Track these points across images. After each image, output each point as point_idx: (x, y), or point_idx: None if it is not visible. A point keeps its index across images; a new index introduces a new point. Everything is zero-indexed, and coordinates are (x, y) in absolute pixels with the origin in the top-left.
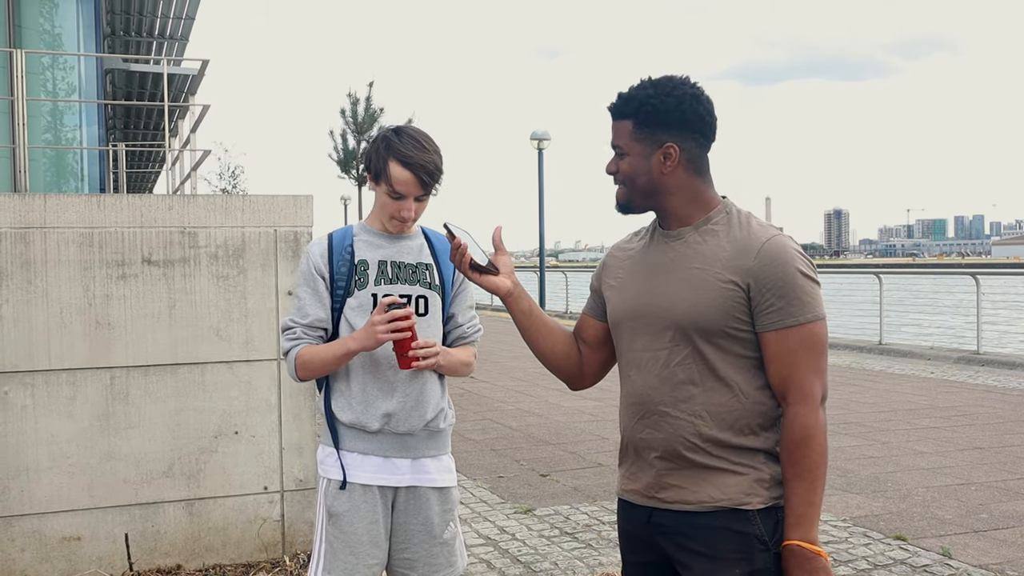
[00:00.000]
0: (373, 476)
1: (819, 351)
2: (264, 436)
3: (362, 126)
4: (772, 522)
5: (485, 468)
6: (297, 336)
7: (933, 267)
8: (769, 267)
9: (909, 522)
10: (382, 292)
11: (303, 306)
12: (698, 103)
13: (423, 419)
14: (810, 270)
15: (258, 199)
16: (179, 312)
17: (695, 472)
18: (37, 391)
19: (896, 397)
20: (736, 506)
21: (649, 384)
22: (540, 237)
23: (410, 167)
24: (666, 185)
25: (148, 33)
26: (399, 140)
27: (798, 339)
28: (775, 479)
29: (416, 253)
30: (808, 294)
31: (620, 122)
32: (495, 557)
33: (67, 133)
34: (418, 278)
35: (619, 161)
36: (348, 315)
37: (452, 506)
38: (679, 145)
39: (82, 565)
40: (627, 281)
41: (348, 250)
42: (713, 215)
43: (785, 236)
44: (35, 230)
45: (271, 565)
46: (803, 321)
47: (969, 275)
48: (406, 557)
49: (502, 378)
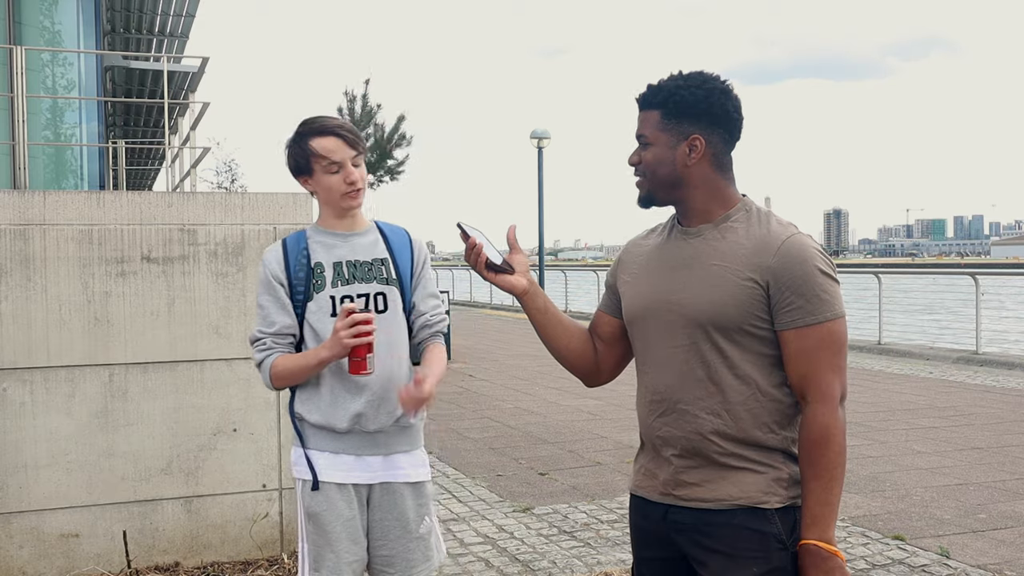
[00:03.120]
0: (346, 475)
1: (838, 349)
2: (263, 433)
3: (359, 124)
4: (790, 521)
5: (484, 467)
6: (268, 347)
7: (932, 267)
8: (788, 265)
9: (907, 522)
10: (340, 293)
11: (268, 315)
12: (727, 98)
13: (392, 415)
14: (829, 268)
15: (257, 197)
16: (178, 309)
17: (714, 470)
18: (36, 388)
19: (895, 397)
20: (754, 504)
21: (667, 381)
22: (540, 236)
23: (331, 131)
24: (689, 178)
25: (148, 30)
26: (307, 122)
27: (817, 337)
28: (793, 478)
29: (370, 249)
30: (827, 292)
31: (647, 112)
32: (493, 556)
33: (67, 130)
34: (374, 275)
35: (642, 151)
36: (310, 319)
37: (427, 500)
38: (705, 138)
39: (80, 562)
40: (643, 277)
41: (304, 254)
42: (732, 212)
43: (804, 234)
44: (34, 227)
45: (269, 563)
46: (822, 320)
47: (968, 275)
48: (384, 554)
49: (501, 377)
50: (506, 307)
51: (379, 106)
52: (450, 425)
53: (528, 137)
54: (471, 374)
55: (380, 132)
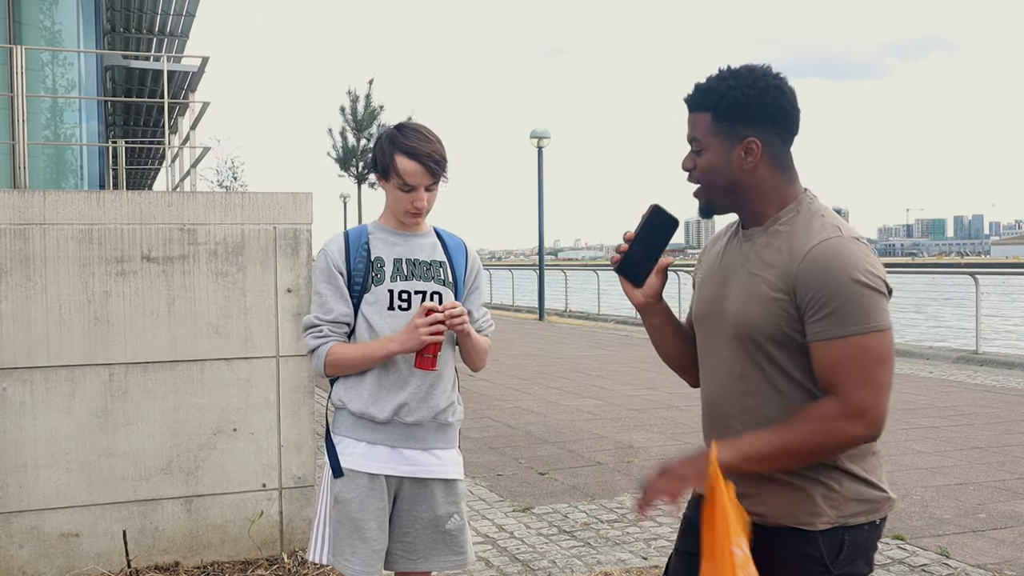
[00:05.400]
0: (381, 465)
1: (872, 364)
2: (263, 433)
3: (362, 124)
4: (837, 544)
5: (484, 466)
6: (324, 334)
7: (932, 267)
8: (813, 273)
9: (907, 521)
10: (398, 288)
11: (326, 302)
12: (781, 95)
13: (433, 410)
14: (867, 276)
15: (258, 196)
16: (178, 309)
17: (759, 484)
18: (36, 387)
19: (895, 396)
20: (798, 525)
21: (716, 392)
22: (540, 236)
23: (416, 158)
24: (747, 182)
25: (148, 30)
26: (402, 135)
27: (845, 352)
28: (845, 497)
29: (430, 251)
30: (858, 304)
31: (698, 115)
32: (493, 555)
33: (67, 129)
34: (432, 275)
35: (696, 157)
36: (365, 311)
37: (458, 499)
38: (762, 139)
39: (80, 562)
40: (706, 280)
41: (364, 247)
42: (783, 213)
43: (846, 239)
44: (34, 226)
45: (269, 562)
46: (851, 333)
47: (968, 275)
48: (407, 541)
49: (501, 376)
50: (506, 307)
51: (382, 107)
52: None
53: (528, 137)
54: (471, 374)
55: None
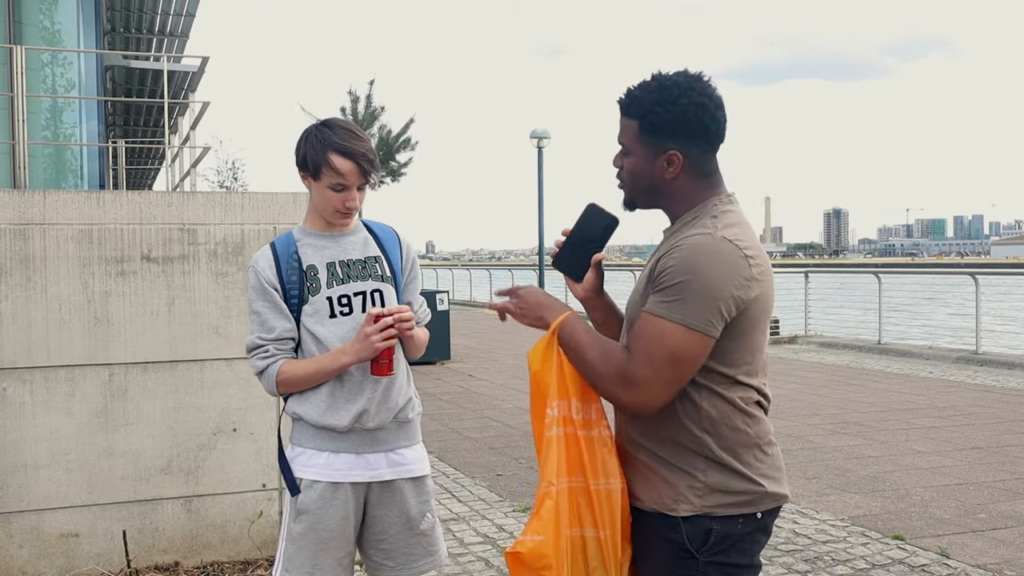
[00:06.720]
0: (346, 473)
1: (662, 352)
2: (262, 433)
3: (362, 124)
4: (702, 532)
5: (483, 466)
6: (271, 353)
7: (932, 267)
8: (667, 261)
9: (907, 522)
10: (336, 294)
11: (266, 320)
12: (704, 111)
13: (392, 411)
14: (706, 276)
15: (257, 196)
16: (178, 309)
17: (637, 469)
18: (36, 387)
19: (895, 397)
20: (664, 511)
21: None
22: (539, 235)
23: (351, 156)
24: (666, 188)
25: (148, 30)
26: (334, 133)
27: (649, 327)
28: (710, 487)
29: (362, 247)
30: (680, 294)
31: (627, 120)
32: (493, 555)
33: (67, 129)
34: (369, 272)
35: (623, 158)
36: (306, 323)
37: (428, 496)
38: (683, 151)
39: (80, 562)
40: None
41: (294, 257)
42: (689, 215)
43: (716, 238)
44: (34, 226)
45: (268, 562)
46: (659, 315)
47: (968, 275)
48: (383, 548)
49: (501, 377)
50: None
51: (383, 108)
52: (450, 425)
53: (528, 137)
54: (471, 374)
55: (386, 132)
